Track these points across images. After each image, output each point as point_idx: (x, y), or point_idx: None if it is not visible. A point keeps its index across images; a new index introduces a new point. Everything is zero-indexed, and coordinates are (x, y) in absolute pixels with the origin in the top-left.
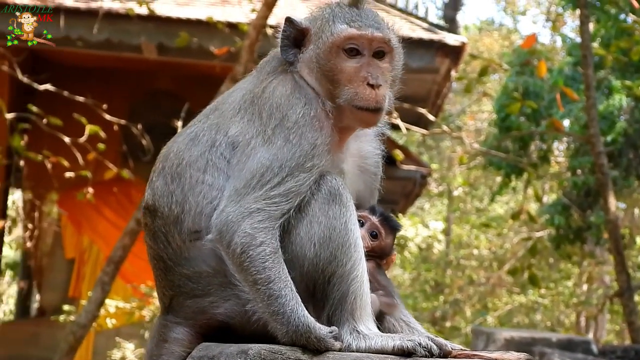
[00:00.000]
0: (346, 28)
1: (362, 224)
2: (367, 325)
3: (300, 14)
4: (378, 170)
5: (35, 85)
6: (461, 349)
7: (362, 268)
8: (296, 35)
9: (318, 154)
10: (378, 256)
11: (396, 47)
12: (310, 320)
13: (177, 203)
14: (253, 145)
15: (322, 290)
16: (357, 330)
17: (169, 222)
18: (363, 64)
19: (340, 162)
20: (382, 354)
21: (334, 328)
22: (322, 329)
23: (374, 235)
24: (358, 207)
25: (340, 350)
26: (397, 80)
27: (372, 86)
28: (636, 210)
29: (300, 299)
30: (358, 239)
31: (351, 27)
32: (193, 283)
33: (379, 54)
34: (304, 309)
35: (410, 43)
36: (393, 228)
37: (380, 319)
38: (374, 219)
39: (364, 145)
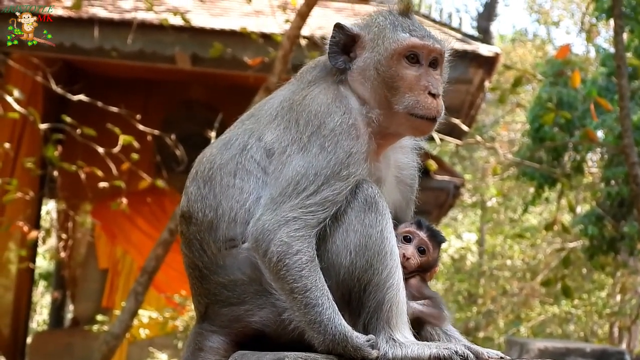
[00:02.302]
0: (408, 37)
1: (409, 240)
2: (404, 334)
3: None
4: (414, 183)
5: (69, 95)
6: (500, 357)
7: (398, 276)
8: (346, 42)
9: (354, 162)
10: (423, 270)
11: (447, 58)
12: (347, 329)
13: (211, 208)
14: (289, 153)
15: (358, 298)
16: (393, 339)
17: (204, 229)
18: (422, 73)
19: (378, 171)
20: None
21: (371, 336)
22: (359, 338)
23: (422, 250)
24: (395, 217)
25: (377, 358)
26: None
27: (433, 95)
28: None
29: (337, 308)
30: (394, 247)
31: (413, 36)
32: (228, 291)
33: (433, 64)
34: (341, 317)
35: None
36: (439, 242)
37: (417, 327)
38: (422, 235)
39: (401, 156)
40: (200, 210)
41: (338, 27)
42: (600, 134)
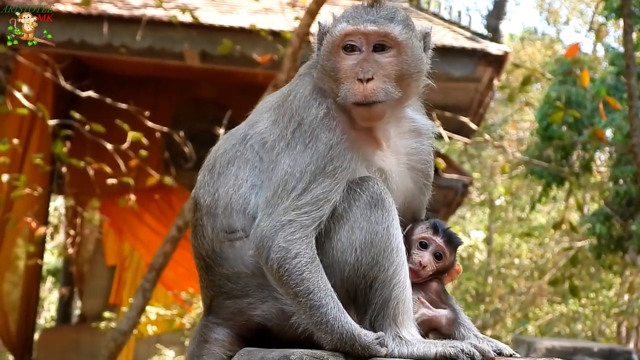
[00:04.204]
0: (345, 25)
1: (425, 246)
2: (410, 331)
3: None
4: (426, 168)
5: (78, 92)
6: (510, 355)
7: (404, 273)
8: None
9: (336, 155)
10: (439, 273)
11: (403, 40)
12: (355, 327)
13: (209, 193)
14: (278, 151)
15: (363, 295)
16: (399, 336)
17: (203, 214)
18: (359, 60)
19: (379, 159)
20: None
21: (380, 334)
22: (368, 336)
23: (438, 256)
24: (408, 206)
25: (385, 356)
26: (416, 74)
27: (361, 80)
28: None
29: (342, 307)
30: (400, 244)
31: (348, 23)
32: (232, 283)
33: (380, 48)
34: (347, 316)
35: (452, 52)
36: (456, 246)
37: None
38: (439, 240)
39: (410, 142)
40: (202, 196)
41: (318, 24)
42: (608, 133)
